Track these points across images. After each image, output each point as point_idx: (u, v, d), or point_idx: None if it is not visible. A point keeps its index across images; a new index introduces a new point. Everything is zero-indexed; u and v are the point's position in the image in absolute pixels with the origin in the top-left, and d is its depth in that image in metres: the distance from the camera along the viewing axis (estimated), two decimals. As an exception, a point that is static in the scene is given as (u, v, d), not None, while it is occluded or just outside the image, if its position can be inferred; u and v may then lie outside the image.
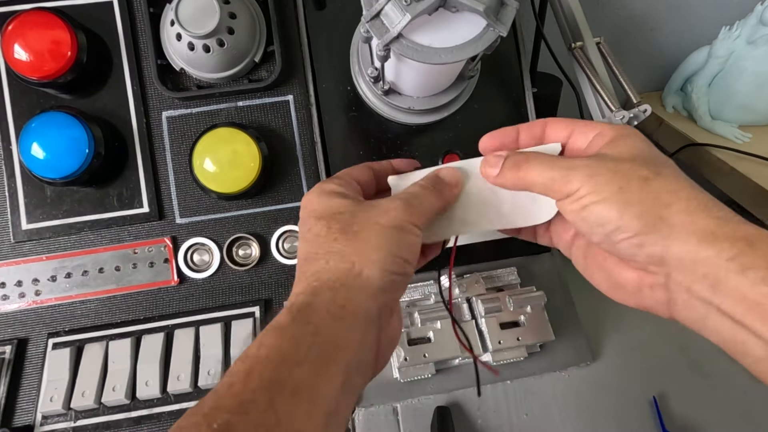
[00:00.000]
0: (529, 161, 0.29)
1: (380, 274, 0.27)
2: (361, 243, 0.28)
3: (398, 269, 0.28)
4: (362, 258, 0.27)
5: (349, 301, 0.26)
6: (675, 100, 0.89)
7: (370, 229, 0.28)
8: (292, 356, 0.23)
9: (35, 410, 0.44)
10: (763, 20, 0.73)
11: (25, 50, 0.44)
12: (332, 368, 0.24)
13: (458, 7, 0.33)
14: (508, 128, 0.33)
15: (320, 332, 0.25)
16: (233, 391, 0.22)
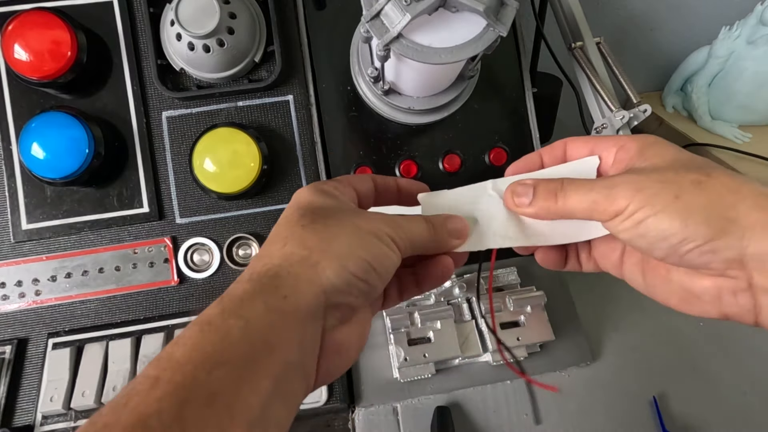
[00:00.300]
0: (565, 188, 0.27)
1: (338, 270, 0.24)
2: (329, 235, 0.25)
3: (360, 273, 0.25)
4: (323, 248, 0.25)
5: (293, 292, 0.23)
6: (675, 100, 0.89)
7: (344, 226, 0.26)
8: (213, 356, 0.20)
9: (35, 410, 0.44)
10: (763, 20, 0.73)
11: (25, 50, 0.44)
12: (259, 370, 0.21)
13: (458, 7, 0.33)
14: (531, 155, 0.32)
15: (250, 327, 0.22)
16: (132, 405, 0.18)
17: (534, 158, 0.32)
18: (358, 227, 0.26)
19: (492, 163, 0.52)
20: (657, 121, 0.88)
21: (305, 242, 0.25)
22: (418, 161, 0.52)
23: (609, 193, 0.25)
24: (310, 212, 0.27)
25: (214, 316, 0.22)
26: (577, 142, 0.31)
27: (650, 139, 0.27)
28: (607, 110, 0.53)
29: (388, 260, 0.26)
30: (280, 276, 0.24)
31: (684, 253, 0.24)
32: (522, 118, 0.53)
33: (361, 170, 0.51)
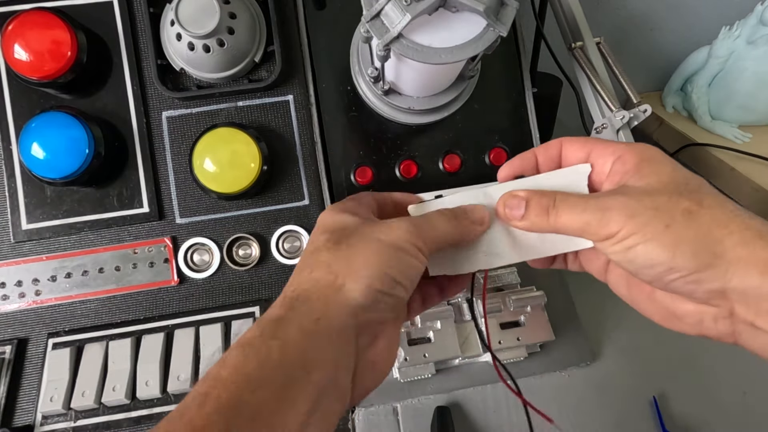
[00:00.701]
0: (558, 205, 0.27)
1: (364, 290, 0.25)
2: (353, 256, 0.26)
3: (386, 288, 0.26)
4: (348, 271, 0.26)
5: (324, 315, 0.24)
6: (675, 100, 0.89)
7: (367, 243, 0.27)
8: (255, 377, 0.22)
9: (35, 410, 0.44)
10: (763, 20, 0.73)
11: (25, 50, 0.44)
12: (298, 391, 0.22)
13: (458, 7, 0.33)
14: (526, 153, 0.32)
15: (288, 349, 0.23)
16: (186, 419, 0.20)
17: (529, 157, 0.32)
18: (379, 242, 0.27)
19: (492, 163, 0.52)
20: (657, 121, 0.88)
21: (331, 266, 0.26)
22: (418, 161, 0.52)
23: (602, 216, 0.25)
24: (336, 234, 0.28)
25: (254, 338, 0.23)
26: (574, 144, 0.30)
27: (649, 152, 0.27)
28: (607, 110, 0.53)
29: (413, 269, 0.27)
30: (311, 300, 0.25)
31: (669, 281, 0.25)
32: (522, 118, 0.53)
33: (361, 170, 0.51)
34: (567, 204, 0.27)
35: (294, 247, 0.51)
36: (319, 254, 0.27)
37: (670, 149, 0.84)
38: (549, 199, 0.28)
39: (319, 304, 0.25)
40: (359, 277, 0.26)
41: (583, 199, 0.27)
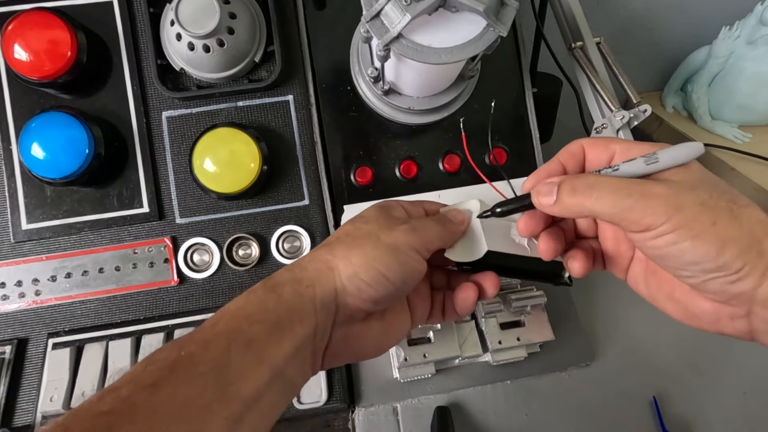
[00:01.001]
0: (595, 187, 0.26)
1: (350, 276, 0.29)
2: (353, 246, 0.30)
3: (371, 280, 0.29)
4: (344, 256, 0.30)
5: (313, 284, 0.29)
6: (675, 100, 0.89)
7: (368, 239, 0.31)
8: (253, 315, 0.27)
9: (35, 410, 0.44)
10: (763, 20, 0.73)
11: (25, 50, 0.44)
12: (284, 334, 0.27)
13: (458, 7, 0.33)
14: (549, 163, 0.31)
15: (281, 301, 0.28)
16: (203, 332, 0.26)
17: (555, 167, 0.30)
18: (379, 240, 0.30)
19: (492, 163, 0.52)
20: (657, 121, 0.88)
21: (333, 250, 0.31)
22: (418, 161, 0.52)
23: (647, 204, 0.24)
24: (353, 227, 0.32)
25: (258, 288, 0.29)
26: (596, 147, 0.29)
27: None
28: (607, 110, 0.53)
29: (406, 268, 0.30)
30: (307, 269, 0.30)
31: (707, 279, 0.24)
32: (522, 118, 0.53)
33: (361, 170, 0.51)
34: (609, 186, 0.26)
35: (294, 247, 0.51)
36: (333, 239, 0.32)
37: (670, 149, 0.84)
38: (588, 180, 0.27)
39: (313, 275, 0.29)
40: (349, 263, 0.30)
41: (626, 183, 0.25)
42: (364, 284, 0.29)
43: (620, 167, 0.27)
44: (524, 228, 0.31)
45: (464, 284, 0.34)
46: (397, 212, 0.34)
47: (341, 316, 0.30)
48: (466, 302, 0.34)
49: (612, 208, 0.25)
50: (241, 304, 0.28)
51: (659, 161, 0.26)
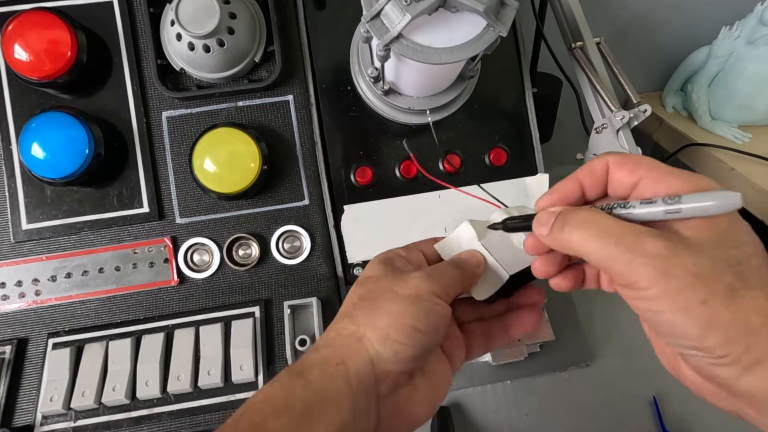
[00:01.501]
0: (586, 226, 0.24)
1: (382, 340, 0.27)
2: (374, 308, 0.29)
3: (404, 338, 0.27)
4: (368, 322, 0.28)
5: (344, 361, 0.27)
6: (675, 100, 0.89)
7: (386, 296, 0.29)
8: (280, 406, 0.25)
9: (35, 410, 0.44)
10: (763, 20, 0.73)
11: (25, 50, 0.44)
12: (316, 424, 0.25)
13: (458, 7, 0.33)
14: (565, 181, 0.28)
15: (309, 387, 0.26)
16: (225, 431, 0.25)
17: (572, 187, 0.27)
18: (397, 295, 0.29)
19: (492, 163, 0.52)
20: (657, 121, 0.88)
21: (355, 318, 0.29)
22: (419, 161, 0.52)
23: (632, 260, 0.22)
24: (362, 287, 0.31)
25: (283, 375, 0.27)
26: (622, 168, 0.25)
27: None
28: (607, 110, 0.53)
29: (433, 316, 0.29)
30: (334, 346, 0.28)
31: (688, 355, 0.23)
32: (522, 118, 0.53)
33: (361, 170, 0.51)
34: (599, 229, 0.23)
35: (294, 247, 0.51)
36: (348, 308, 0.30)
37: (670, 149, 0.84)
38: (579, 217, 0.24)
39: (341, 351, 0.28)
40: (377, 327, 0.28)
41: (620, 229, 0.23)
42: (400, 344, 0.27)
43: (634, 209, 0.24)
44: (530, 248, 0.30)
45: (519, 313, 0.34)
46: (399, 262, 0.33)
47: (385, 387, 0.28)
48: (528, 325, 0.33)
49: (597, 254, 0.23)
50: (265, 394, 0.26)
51: (681, 212, 0.22)
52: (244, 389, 0.45)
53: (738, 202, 0.21)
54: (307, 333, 0.46)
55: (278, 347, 0.46)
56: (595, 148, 0.57)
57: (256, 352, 0.45)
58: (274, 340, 0.47)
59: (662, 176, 0.24)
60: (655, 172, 0.24)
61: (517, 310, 0.35)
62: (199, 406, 0.44)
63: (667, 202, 0.22)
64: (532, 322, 0.34)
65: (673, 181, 0.23)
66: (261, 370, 0.45)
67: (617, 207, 0.24)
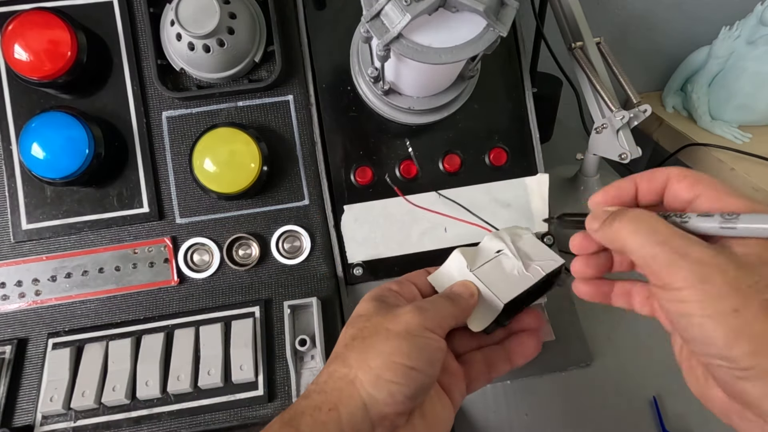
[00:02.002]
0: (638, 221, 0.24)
1: (374, 381, 0.26)
2: (366, 348, 0.28)
3: (398, 378, 0.26)
4: (360, 363, 0.27)
5: (336, 406, 0.26)
6: (675, 100, 0.89)
7: (377, 334, 0.28)
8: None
9: (35, 410, 0.44)
10: (763, 20, 0.73)
11: (25, 50, 0.44)
12: None
13: (458, 7, 0.33)
14: (623, 181, 0.28)
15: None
16: None
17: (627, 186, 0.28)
18: (388, 332, 0.28)
19: (492, 163, 0.52)
20: (657, 121, 0.88)
21: (346, 360, 0.28)
22: (419, 161, 0.52)
23: (673, 260, 0.22)
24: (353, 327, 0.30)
25: (275, 423, 0.26)
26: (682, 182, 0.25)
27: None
28: (607, 110, 0.53)
29: (425, 351, 0.28)
30: (326, 391, 0.27)
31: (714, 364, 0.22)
32: (522, 118, 0.53)
33: (361, 170, 0.51)
34: (649, 226, 0.24)
35: (294, 247, 0.51)
36: (340, 348, 0.29)
37: (670, 149, 0.84)
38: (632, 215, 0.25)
39: (333, 396, 0.26)
40: (369, 368, 0.27)
41: (669, 231, 0.23)
42: (393, 384, 0.26)
43: (690, 220, 0.24)
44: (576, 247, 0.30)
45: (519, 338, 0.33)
46: (391, 298, 0.32)
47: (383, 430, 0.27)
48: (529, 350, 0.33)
49: (640, 249, 0.24)
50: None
51: (736, 229, 0.22)
52: (244, 389, 0.45)
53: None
54: (307, 333, 0.46)
55: (278, 347, 0.47)
56: (595, 148, 0.57)
57: (256, 352, 0.45)
58: (274, 340, 0.47)
59: (721, 196, 0.24)
60: (715, 191, 0.24)
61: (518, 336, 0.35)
62: (199, 406, 0.44)
63: (724, 217, 0.23)
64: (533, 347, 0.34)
65: (731, 201, 0.23)
66: (261, 370, 0.45)
67: (673, 216, 0.25)
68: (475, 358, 0.34)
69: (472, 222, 0.46)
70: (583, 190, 0.65)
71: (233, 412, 0.44)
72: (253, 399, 0.44)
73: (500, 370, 0.34)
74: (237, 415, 0.44)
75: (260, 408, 0.45)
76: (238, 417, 0.44)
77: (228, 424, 0.44)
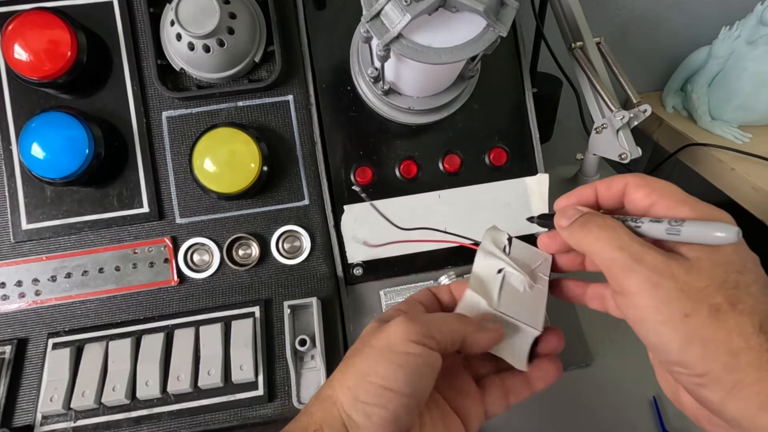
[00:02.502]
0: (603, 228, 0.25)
1: (351, 402, 0.25)
2: (346, 367, 0.26)
3: (372, 399, 0.24)
4: (341, 383, 0.26)
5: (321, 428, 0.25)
6: (675, 100, 0.89)
7: (360, 353, 0.26)
8: None
9: (35, 410, 0.44)
10: (763, 20, 0.73)
11: (25, 50, 0.44)
12: None
13: (458, 7, 0.33)
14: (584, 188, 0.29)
15: None
16: None
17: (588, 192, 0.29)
18: (371, 348, 0.26)
19: (492, 163, 0.52)
20: (657, 121, 0.88)
21: (332, 380, 0.26)
22: (418, 161, 0.52)
23: (629, 264, 0.23)
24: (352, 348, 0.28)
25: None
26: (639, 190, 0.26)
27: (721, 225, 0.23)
28: (607, 110, 0.53)
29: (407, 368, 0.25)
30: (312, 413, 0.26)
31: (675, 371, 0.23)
32: (522, 118, 0.53)
33: (361, 170, 0.51)
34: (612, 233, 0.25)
35: (294, 247, 0.51)
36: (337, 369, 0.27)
37: (670, 149, 0.84)
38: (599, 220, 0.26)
39: (319, 416, 0.25)
40: (347, 389, 0.25)
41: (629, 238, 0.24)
42: (369, 406, 0.24)
43: (643, 225, 0.25)
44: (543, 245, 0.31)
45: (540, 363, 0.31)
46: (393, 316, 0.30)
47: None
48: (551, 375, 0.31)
49: (601, 252, 0.25)
50: None
51: (680, 234, 0.23)
52: (244, 389, 0.45)
53: (734, 237, 0.22)
54: (307, 333, 0.46)
55: (278, 347, 0.47)
56: (595, 148, 0.57)
57: (256, 352, 0.45)
58: (274, 340, 0.47)
59: (675, 204, 0.24)
60: (669, 199, 0.25)
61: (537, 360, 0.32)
62: (199, 406, 0.44)
63: (671, 223, 0.24)
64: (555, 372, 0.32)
65: (683, 210, 0.24)
66: (261, 370, 0.45)
67: (629, 220, 0.26)
68: (493, 382, 0.32)
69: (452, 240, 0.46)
70: (583, 190, 0.65)
71: (233, 412, 0.44)
72: (253, 399, 0.44)
73: (520, 396, 0.31)
74: (237, 415, 0.44)
75: (260, 408, 0.45)
76: (238, 417, 0.44)
77: (228, 424, 0.44)
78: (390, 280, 0.52)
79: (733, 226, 0.22)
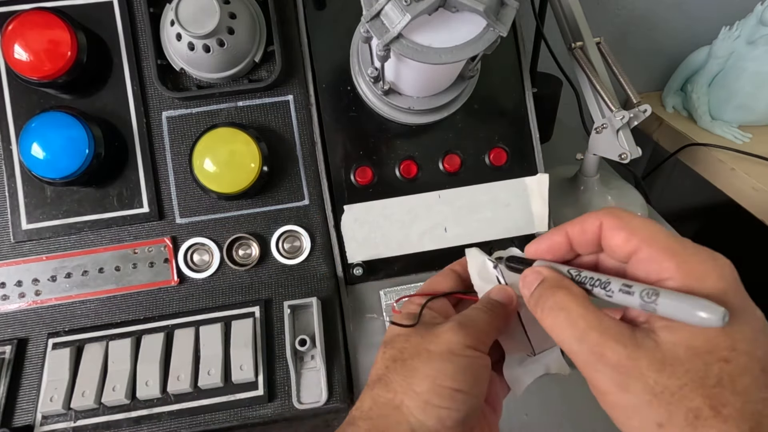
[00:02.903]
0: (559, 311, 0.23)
1: (422, 406, 0.25)
2: (409, 372, 0.26)
3: (446, 402, 0.25)
4: (405, 388, 0.26)
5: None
6: (675, 100, 0.89)
7: (419, 356, 0.27)
8: None
9: (35, 410, 0.44)
10: (763, 20, 0.73)
11: (25, 50, 0.44)
12: None
13: (458, 7, 0.33)
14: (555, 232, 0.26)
15: None
16: None
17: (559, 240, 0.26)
18: (430, 353, 0.26)
19: (492, 163, 0.52)
20: (657, 121, 0.88)
21: (390, 384, 0.26)
22: (418, 161, 0.52)
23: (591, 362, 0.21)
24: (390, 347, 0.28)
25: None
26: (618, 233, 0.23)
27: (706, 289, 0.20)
28: (607, 110, 0.53)
29: (471, 371, 0.26)
30: (372, 418, 0.26)
31: None
32: (522, 118, 0.53)
33: (361, 170, 0.51)
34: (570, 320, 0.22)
35: (294, 247, 0.51)
36: (379, 370, 0.28)
37: (670, 149, 0.84)
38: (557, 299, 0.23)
39: (380, 422, 0.25)
40: (415, 394, 0.25)
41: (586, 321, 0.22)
42: (443, 410, 0.25)
43: (613, 295, 0.22)
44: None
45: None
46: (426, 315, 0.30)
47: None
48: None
49: (563, 344, 0.23)
50: None
51: (656, 310, 0.20)
52: (244, 389, 0.45)
53: (719, 321, 0.18)
54: (307, 333, 0.46)
55: (278, 347, 0.47)
56: (595, 148, 0.57)
57: (256, 352, 0.45)
58: (274, 340, 0.47)
59: (657, 254, 0.21)
60: (652, 248, 0.21)
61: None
62: (199, 406, 0.44)
63: (643, 297, 0.20)
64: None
65: (668, 266, 0.21)
66: (261, 370, 0.45)
67: (598, 286, 0.23)
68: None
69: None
70: (583, 190, 0.65)
71: (233, 412, 0.44)
72: (253, 399, 0.44)
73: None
74: (237, 415, 0.44)
75: (260, 408, 0.45)
76: (238, 417, 0.44)
77: (228, 424, 0.44)
78: (390, 280, 0.52)
79: (718, 307, 0.18)
